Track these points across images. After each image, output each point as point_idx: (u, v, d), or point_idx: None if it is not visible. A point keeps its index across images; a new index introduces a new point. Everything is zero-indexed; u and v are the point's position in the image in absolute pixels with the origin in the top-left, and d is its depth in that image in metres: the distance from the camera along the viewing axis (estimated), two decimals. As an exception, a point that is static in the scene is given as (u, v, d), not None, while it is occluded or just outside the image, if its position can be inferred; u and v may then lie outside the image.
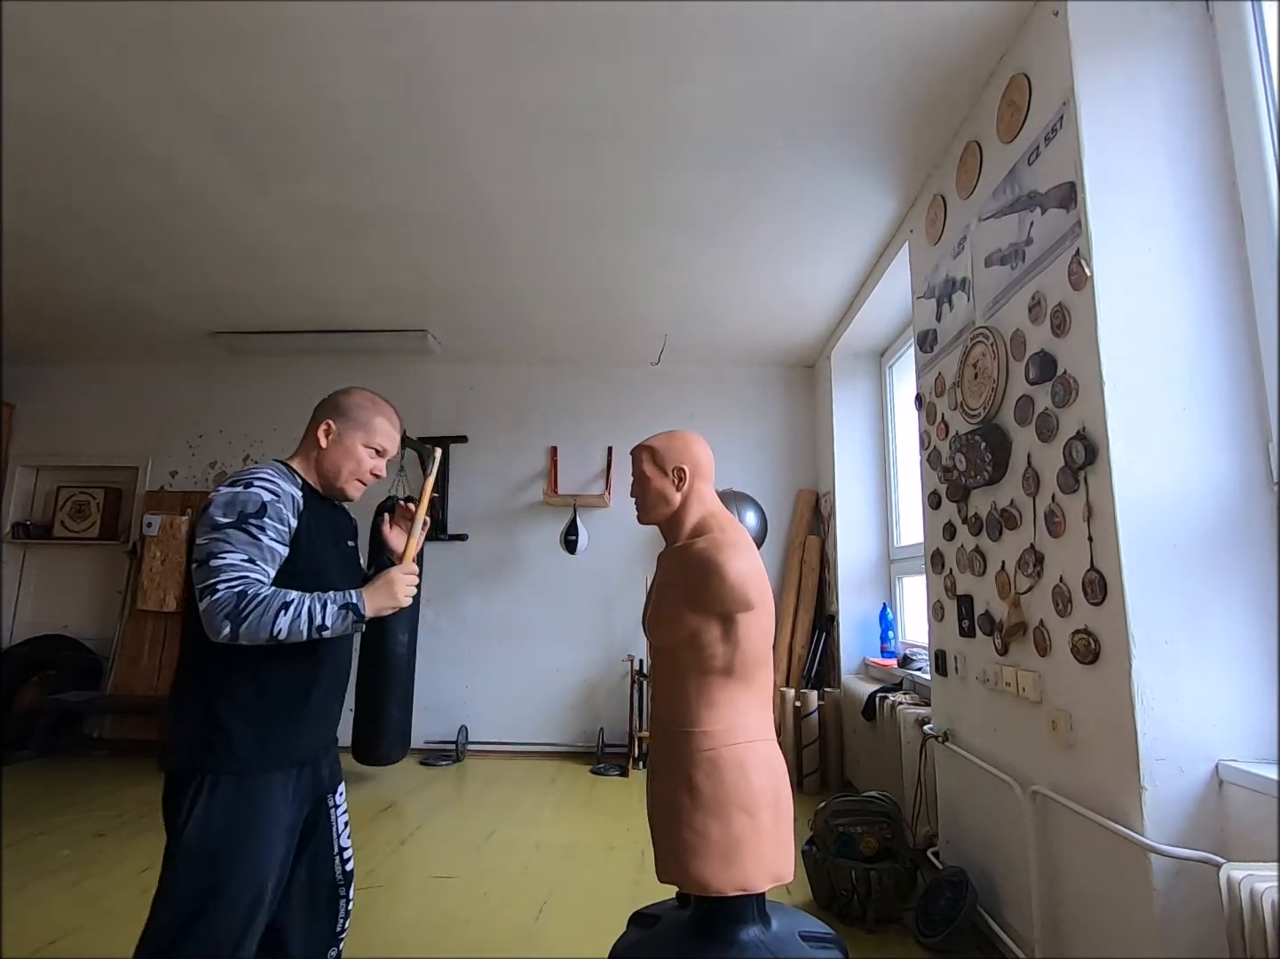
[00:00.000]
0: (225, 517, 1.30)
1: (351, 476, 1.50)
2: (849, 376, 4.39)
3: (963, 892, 2.11)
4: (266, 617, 1.26)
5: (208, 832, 1.26)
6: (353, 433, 1.49)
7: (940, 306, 2.56)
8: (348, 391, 1.55)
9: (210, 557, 1.28)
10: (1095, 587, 1.62)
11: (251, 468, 1.39)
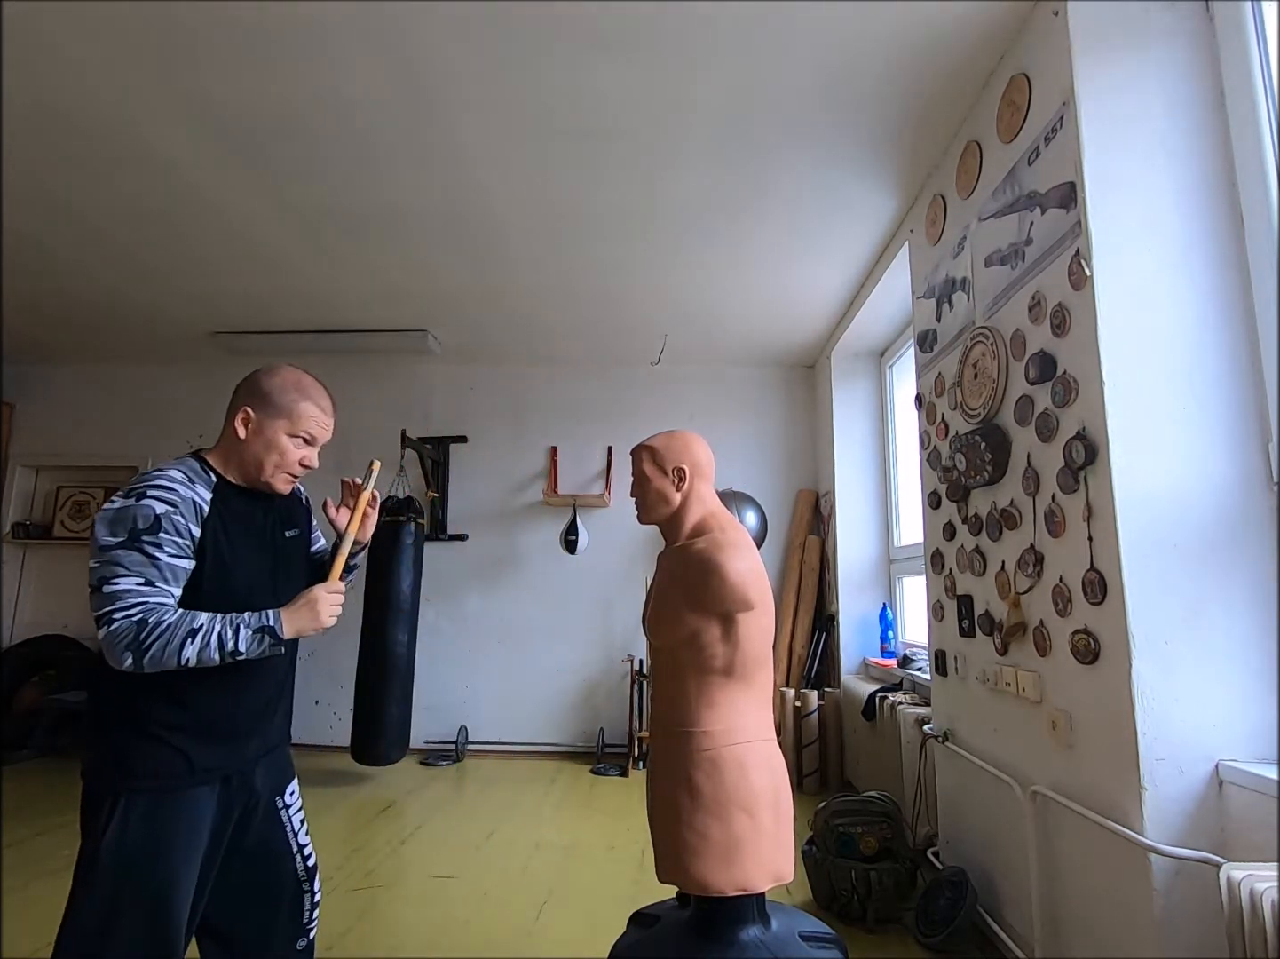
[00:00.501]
0: (115, 535, 1.18)
1: (276, 470, 1.36)
2: (849, 376, 4.39)
3: (963, 892, 2.11)
4: (171, 645, 1.17)
5: (123, 847, 1.20)
6: (274, 420, 1.34)
7: (940, 306, 2.56)
8: (271, 370, 1.39)
9: (103, 582, 1.16)
10: (1095, 587, 1.62)
11: (151, 471, 1.26)
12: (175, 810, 1.25)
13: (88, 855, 1.21)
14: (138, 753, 1.24)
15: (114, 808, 1.21)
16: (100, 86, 2.24)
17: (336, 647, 4.64)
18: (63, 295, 3.93)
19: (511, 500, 4.86)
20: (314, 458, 1.42)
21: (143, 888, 1.21)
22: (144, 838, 1.21)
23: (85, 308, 4.12)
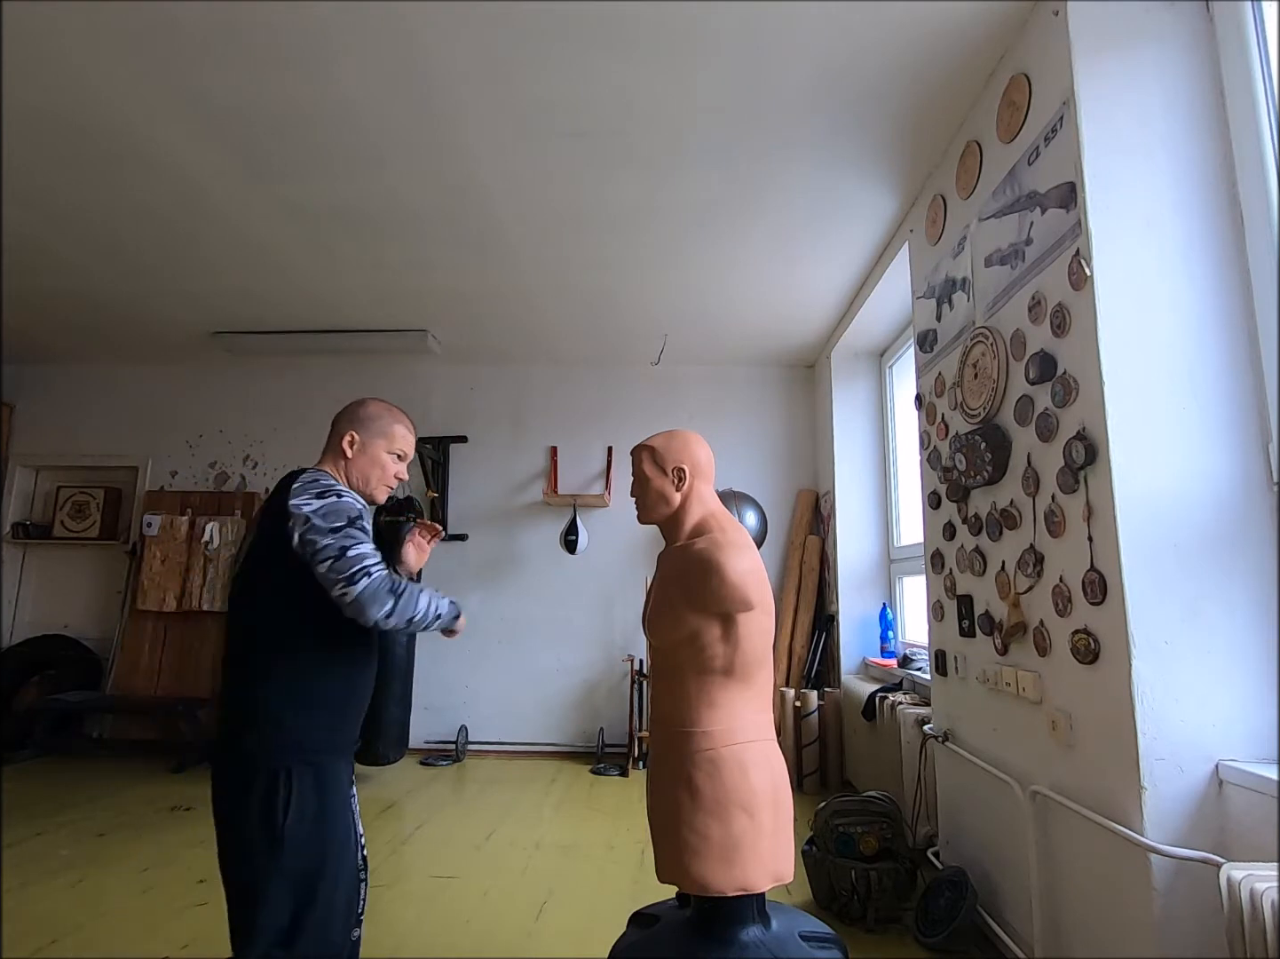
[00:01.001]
0: (338, 521, 1.36)
1: (379, 483, 1.59)
2: (849, 377, 4.39)
3: (963, 892, 2.11)
4: (412, 599, 1.38)
5: (304, 821, 1.31)
6: (375, 440, 1.57)
7: (940, 306, 2.56)
8: (363, 403, 1.62)
9: (344, 549, 1.34)
10: (1095, 587, 1.62)
11: (318, 478, 1.43)
12: (335, 780, 1.39)
13: (267, 839, 1.30)
14: (300, 729, 1.36)
15: (288, 784, 1.32)
16: (100, 86, 2.23)
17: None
18: (63, 295, 3.93)
19: (511, 500, 4.86)
20: (405, 472, 1.65)
21: (330, 864, 1.34)
22: (319, 809, 1.34)
23: (85, 308, 4.12)
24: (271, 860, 1.30)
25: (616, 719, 4.55)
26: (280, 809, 1.30)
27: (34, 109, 2.34)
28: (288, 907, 1.31)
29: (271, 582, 1.39)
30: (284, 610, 1.38)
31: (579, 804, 3.56)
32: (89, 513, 4.94)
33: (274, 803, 1.31)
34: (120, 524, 5.01)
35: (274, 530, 1.38)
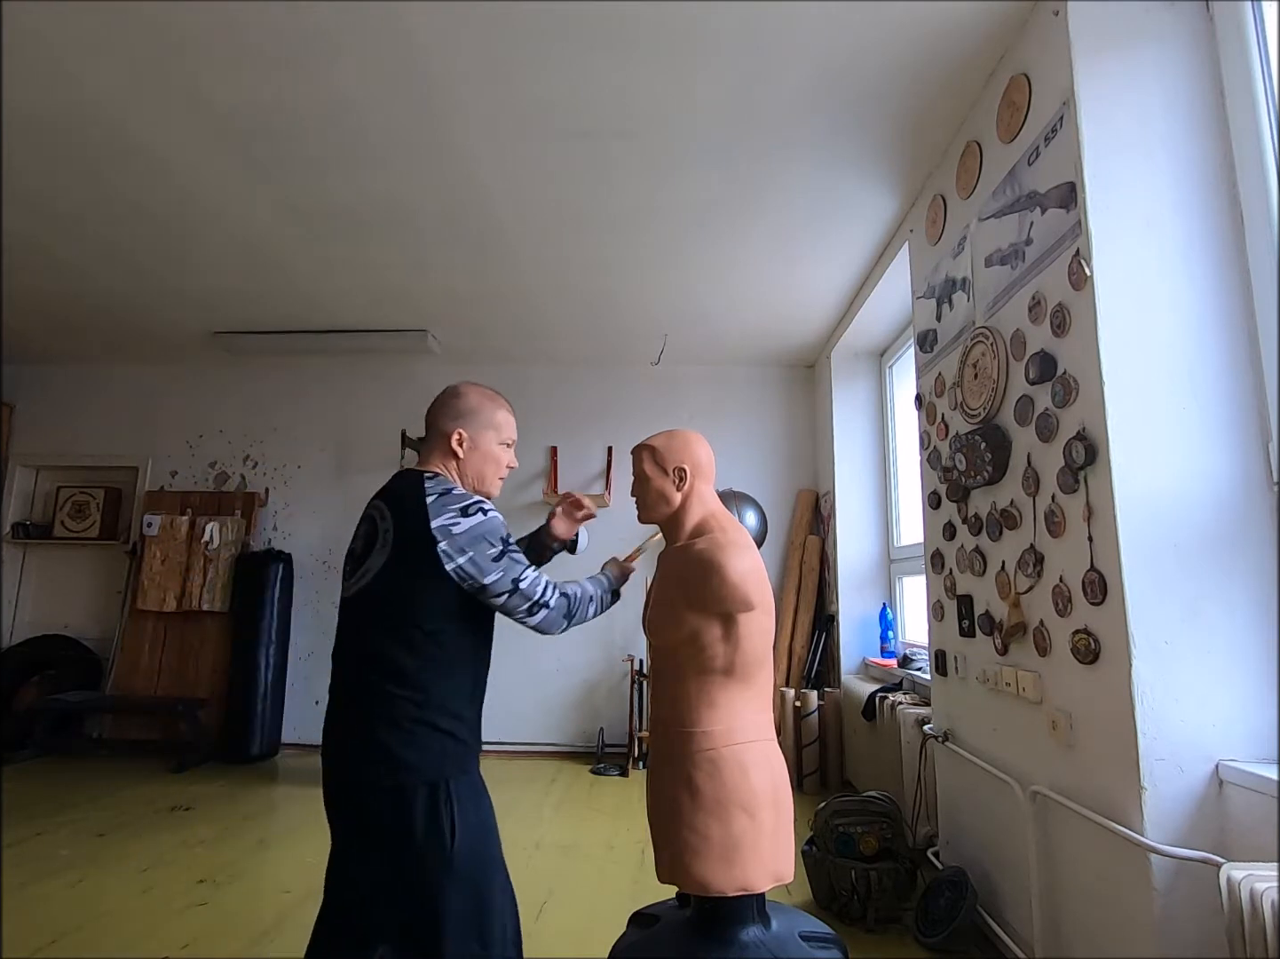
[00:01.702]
0: (494, 545, 1.37)
1: (494, 477, 1.55)
2: (849, 376, 4.38)
3: (963, 892, 2.11)
4: (583, 610, 1.48)
5: (469, 831, 1.30)
6: (484, 434, 1.51)
7: (940, 306, 2.56)
8: (459, 394, 1.54)
9: (517, 581, 1.38)
10: (1095, 587, 1.62)
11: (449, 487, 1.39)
12: (482, 787, 1.39)
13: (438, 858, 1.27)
14: (450, 739, 1.35)
15: (449, 800, 1.30)
16: (99, 86, 2.23)
17: (336, 647, 4.65)
18: (63, 295, 3.93)
19: (511, 500, 4.85)
20: (515, 459, 1.61)
21: (493, 873, 1.34)
22: (479, 825, 1.33)
23: (85, 308, 4.12)
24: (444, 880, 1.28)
25: (616, 719, 4.54)
26: (447, 830, 1.28)
27: (33, 109, 2.34)
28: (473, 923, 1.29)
29: (413, 603, 1.34)
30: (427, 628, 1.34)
31: (579, 804, 3.56)
32: (89, 513, 4.93)
33: (438, 824, 1.28)
34: (120, 524, 5.00)
35: (415, 551, 1.33)
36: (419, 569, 1.33)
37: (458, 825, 1.29)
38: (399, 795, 1.29)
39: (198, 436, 5.04)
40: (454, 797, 1.30)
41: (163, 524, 4.71)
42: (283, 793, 3.75)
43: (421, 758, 1.31)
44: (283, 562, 4.57)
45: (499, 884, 1.35)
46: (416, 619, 1.34)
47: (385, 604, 1.36)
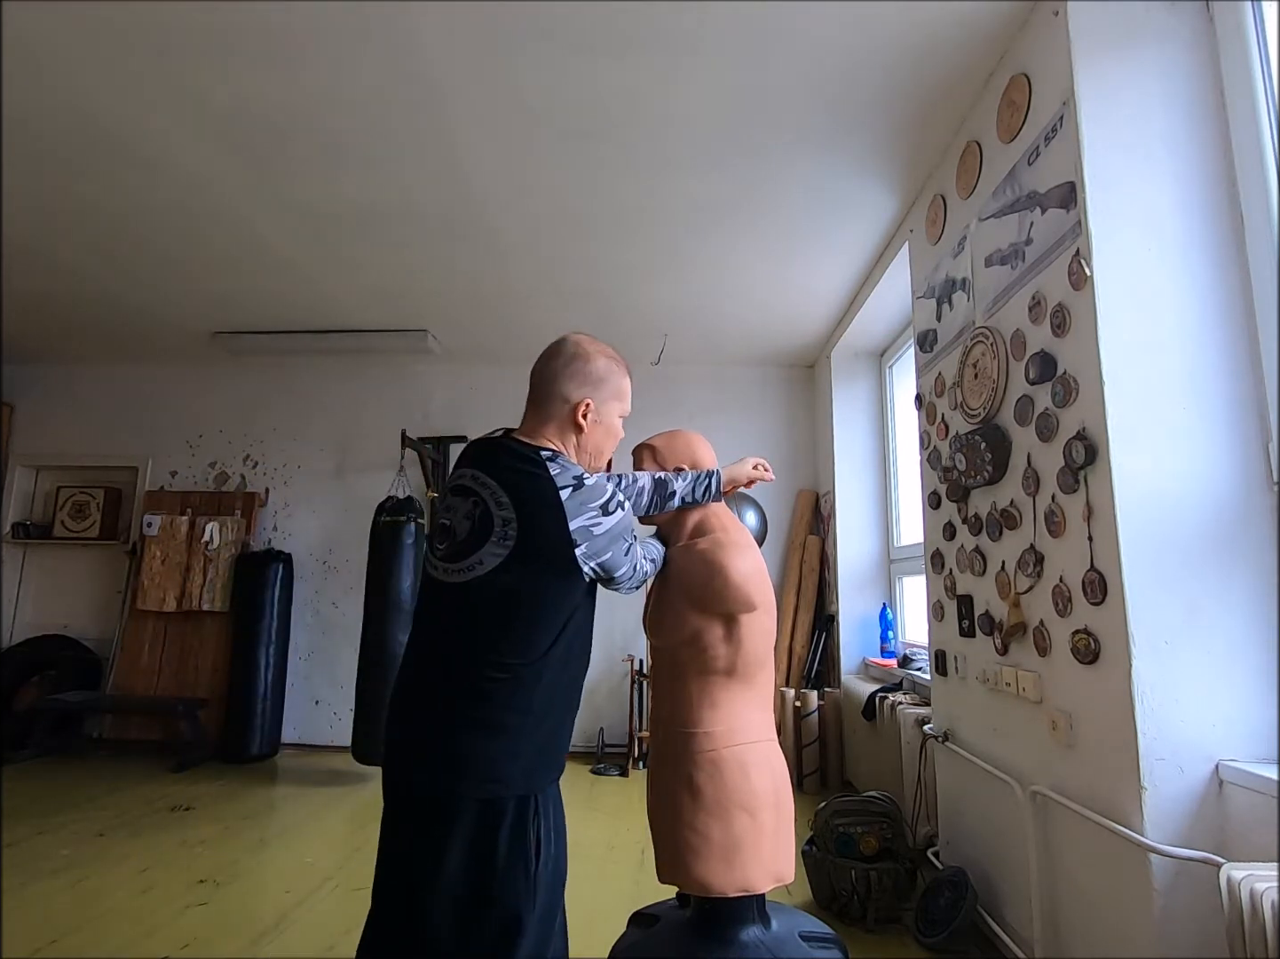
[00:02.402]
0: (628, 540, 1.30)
1: (611, 452, 1.41)
2: (849, 376, 4.38)
3: (963, 892, 2.11)
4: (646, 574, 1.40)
5: (549, 857, 1.19)
6: (610, 404, 1.36)
7: (940, 306, 2.56)
8: (588, 356, 1.35)
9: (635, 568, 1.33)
10: (1095, 587, 1.62)
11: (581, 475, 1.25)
12: (561, 806, 1.27)
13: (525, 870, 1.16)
14: (548, 754, 1.24)
15: (537, 813, 1.19)
16: (99, 86, 2.23)
17: (337, 647, 4.65)
18: (63, 295, 3.93)
19: (511, 500, 4.84)
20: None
21: (559, 897, 1.23)
22: (558, 844, 1.22)
23: (85, 308, 4.12)
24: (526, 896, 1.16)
25: (616, 719, 4.54)
26: (532, 845, 1.16)
27: (34, 109, 2.34)
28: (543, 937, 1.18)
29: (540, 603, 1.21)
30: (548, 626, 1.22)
31: (579, 804, 3.56)
32: (89, 513, 4.93)
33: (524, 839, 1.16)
34: (120, 524, 5.00)
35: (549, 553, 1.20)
36: (551, 568, 1.20)
37: (543, 843, 1.18)
38: (488, 807, 1.16)
39: (198, 436, 5.04)
40: (541, 812, 1.19)
41: (163, 524, 4.71)
42: (283, 793, 3.75)
43: (514, 767, 1.18)
44: (283, 562, 4.57)
45: (560, 902, 1.26)
46: (541, 618, 1.21)
47: (506, 602, 1.20)
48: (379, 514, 4.11)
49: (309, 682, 4.67)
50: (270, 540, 4.86)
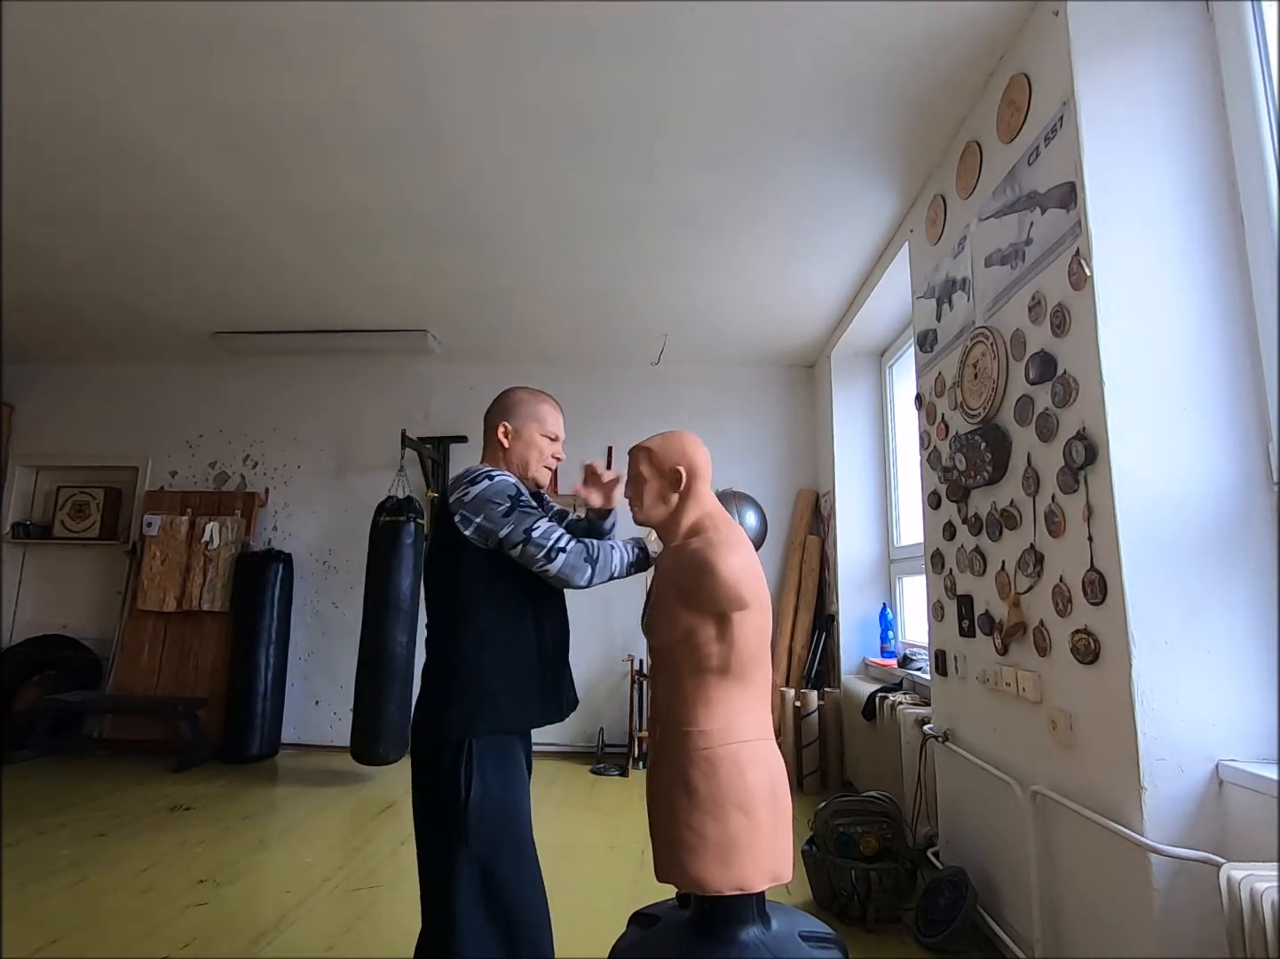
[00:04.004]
0: (502, 503, 1.48)
1: (538, 464, 1.67)
2: (849, 376, 4.38)
3: (963, 892, 2.11)
4: (607, 557, 1.53)
5: (486, 795, 1.42)
6: (527, 424, 1.65)
7: (940, 306, 2.56)
8: (508, 392, 1.71)
9: (528, 532, 1.47)
10: (1095, 587, 1.62)
11: (470, 466, 1.57)
12: (512, 756, 1.51)
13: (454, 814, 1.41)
14: (485, 703, 1.47)
15: (469, 760, 1.42)
16: (100, 87, 2.23)
17: (337, 647, 4.65)
18: (63, 295, 3.93)
19: (511, 500, 4.84)
20: (561, 450, 1.72)
21: (509, 837, 1.43)
22: (500, 788, 1.44)
23: (85, 308, 4.12)
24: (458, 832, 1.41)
25: (616, 719, 4.54)
26: (463, 785, 1.41)
27: (34, 109, 2.34)
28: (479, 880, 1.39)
29: (450, 574, 1.51)
30: (456, 595, 1.51)
31: (579, 804, 3.56)
32: (89, 513, 4.93)
33: (456, 780, 1.41)
34: (120, 524, 5.00)
35: (443, 526, 1.52)
36: (446, 534, 1.50)
37: (474, 785, 1.40)
38: (439, 749, 1.44)
39: (198, 436, 5.04)
40: (476, 757, 1.42)
41: (163, 524, 4.71)
42: (283, 793, 3.75)
43: (449, 713, 1.45)
44: (283, 562, 4.58)
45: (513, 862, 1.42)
46: (451, 574, 1.50)
47: (431, 578, 1.57)
48: (379, 514, 4.10)
49: (309, 682, 4.67)
50: (270, 540, 4.86)
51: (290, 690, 4.59)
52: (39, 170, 2.70)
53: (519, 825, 1.46)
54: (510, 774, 1.47)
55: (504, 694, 1.48)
